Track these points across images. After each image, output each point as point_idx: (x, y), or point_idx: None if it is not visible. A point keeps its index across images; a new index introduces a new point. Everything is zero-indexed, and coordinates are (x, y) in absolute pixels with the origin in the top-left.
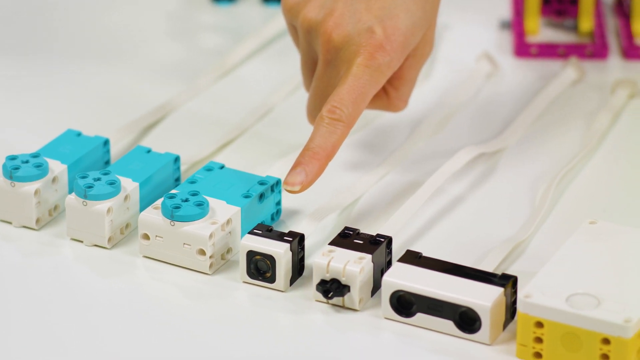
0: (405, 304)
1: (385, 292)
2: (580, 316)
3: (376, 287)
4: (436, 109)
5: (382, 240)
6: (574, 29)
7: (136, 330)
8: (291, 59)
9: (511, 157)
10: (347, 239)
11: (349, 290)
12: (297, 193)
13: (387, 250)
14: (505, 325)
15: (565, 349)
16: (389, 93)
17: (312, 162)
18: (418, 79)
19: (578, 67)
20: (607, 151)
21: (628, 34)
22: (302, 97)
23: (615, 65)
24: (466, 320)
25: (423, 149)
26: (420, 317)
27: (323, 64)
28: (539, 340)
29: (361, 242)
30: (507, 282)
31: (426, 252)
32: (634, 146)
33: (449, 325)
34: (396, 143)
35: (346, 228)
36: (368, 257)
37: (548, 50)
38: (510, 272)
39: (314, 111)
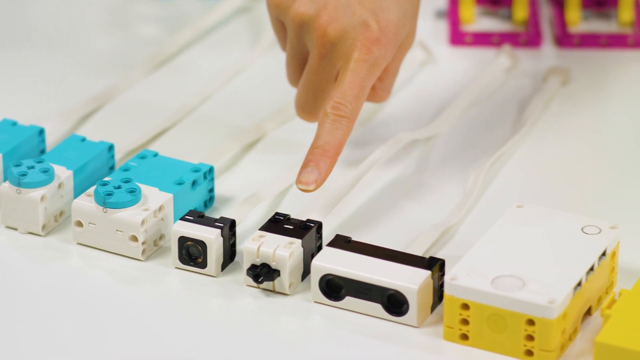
0: (334, 288)
1: (315, 276)
2: (505, 298)
3: (306, 271)
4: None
5: (312, 225)
6: (509, 17)
7: (70, 316)
8: (228, 49)
9: (444, 143)
10: (277, 224)
11: (279, 275)
12: (311, 192)
13: (317, 235)
14: (433, 308)
15: (491, 330)
16: (374, 85)
17: (323, 159)
18: None
19: (511, 55)
20: (538, 137)
21: (561, 23)
22: (238, 86)
23: (548, 54)
24: (394, 303)
25: (357, 135)
26: (349, 301)
27: (317, 58)
28: (465, 322)
29: (291, 227)
30: (435, 265)
31: (357, 237)
32: (564, 133)
33: (377, 308)
34: None
35: (277, 214)
36: (298, 241)
37: (482, 39)
38: (439, 256)
39: (306, 105)
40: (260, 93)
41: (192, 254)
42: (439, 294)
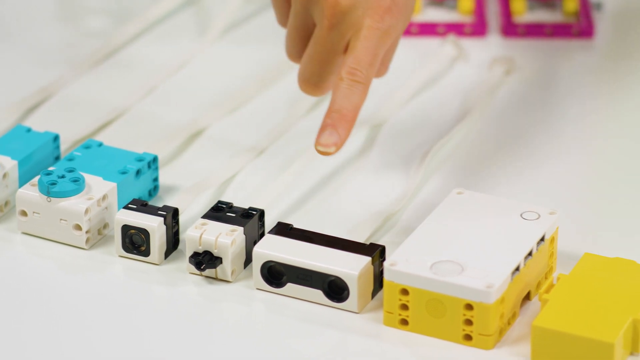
0: (276, 275)
1: (256, 263)
2: (443, 283)
3: (249, 259)
4: None
5: (255, 213)
6: (455, 8)
7: (14, 305)
8: (175, 41)
9: (389, 131)
10: (220, 212)
11: (221, 262)
12: (331, 154)
13: (260, 223)
14: (374, 294)
15: (430, 315)
16: None
17: (341, 123)
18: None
19: (456, 44)
20: (482, 125)
21: (507, 13)
22: (185, 76)
23: (494, 43)
24: (335, 289)
25: (300, 125)
26: (290, 287)
27: (327, 28)
28: (404, 307)
29: (234, 215)
30: (375, 251)
31: (300, 225)
32: (508, 121)
33: (318, 294)
34: (275, 119)
35: (219, 202)
36: (240, 229)
37: (428, 29)
38: (382, 243)
39: (312, 77)
40: (206, 84)
41: (135, 242)
42: (379, 280)
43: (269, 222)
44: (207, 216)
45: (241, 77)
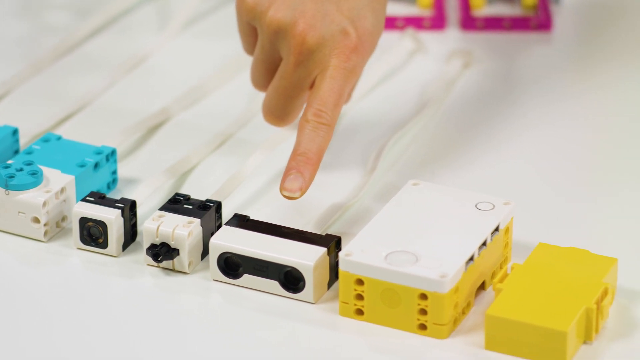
0: (233, 266)
1: (213, 254)
2: (398, 273)
3: (206, 250)
4: None
5: (212, 204)
6: (414, 2)
7: None
8: (136, 35)
9: (347, 123)
10: (177, 204)
11: (178, 254)
12: (296, 199)
13: (217, 215)
14: (329, 285)
15: (385, 305)
16: None
17: (306, 166)
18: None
19: (415, 38)
20: (440, 118)
21: (466, 6)
22: (146, 71)
23: (452, 37)
24: (291, 280)
25: (259, 118)
26: (247, 278)
27: (293, 65)
28: (360, 297)
29: (191, 207)
30: (331, 242)
31: (258, 217)
32: (465, 114)
33: (274, 285)
34: (234, 113)
35: (176, 194)
36: (197, 221)
37: (388, 23)
38: (338, 234)
39: (276, 110)
40: (166, 78)
41: (93, 234)
42: (335, 271)
43: (228, 214)
44: (164, 208)
45: (201, 70)
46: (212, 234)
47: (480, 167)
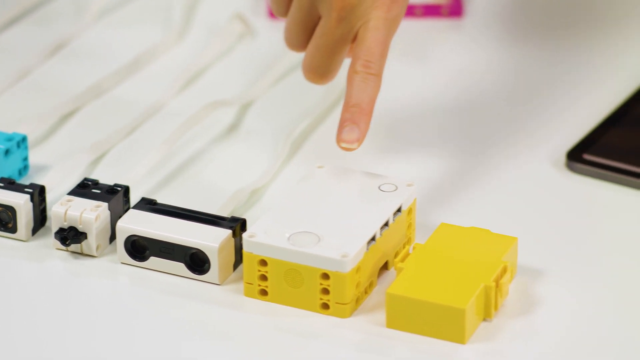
0: (139, 248)
1: (120, 237)
2: (300, 253)
3: (114, 234)
4: (188, 69)
5: (119, 189)
6: None
7: None
8: (50, 24)
9: (258, 110)
10: (85, 189)
11: (86, 237)
12: (354, 150)
13: (125, 199)
14: (235, 266)
15: (289, 285)
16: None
17: (361, 117)
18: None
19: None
20: None
21: None
22: (61, 59)
23: None
24: (196, 261)
25: (171, 105)
26: (153, 261)
27: (335, 20)
28: (263, 277)
29: (99, 191)
30: (236, 224)
31: (168, 200)
32: (379, 103)
33: (180, 267)
34: (146, 100)
35: (85, 179)
36: (104, 205)
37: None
38: (246, 217)
39: (320, 68)
40: (80, 66)
41: (2, 219)
42: (240, 253)
43: (136, 199)
44: (72, 193)
45: (115, 59)
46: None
47: (384, 151)
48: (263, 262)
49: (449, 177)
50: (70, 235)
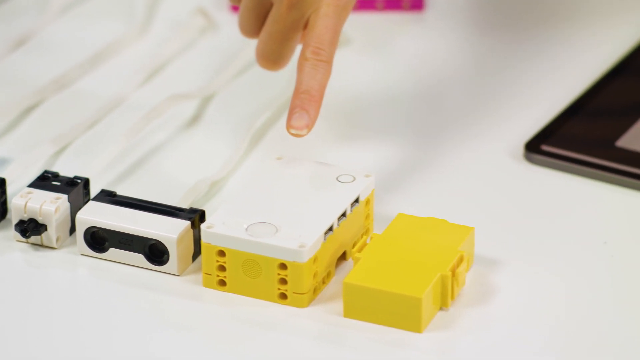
0: (99, 240)
1: (80, 229)
2: (258, 243)
3: (74, 226)
4: (150, 62)
5: (79, 181)
6: None
7: None
8: (14, 19)
9: (218, 103)
10: (45, 181)
11: (46, 229)
12: (303, 136)
13: (85, 191)
14: (194, 257)
15: (247, 275)
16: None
17: (310, 103)
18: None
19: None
20: None
21: None
22: (24, 53)
23: None
24: (155, 252)
25: (133, 97)
26: (113, 252)
27: (286, 7)
28: (222, 268)
29: (59, 183)
30: (195, 215)
31: (128, 193)
32: (334, 92)
33: (139, 258)
34: (108, 93)
35: (46, 171)
36: (64, 197)
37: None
38: (206, 209)
39: (272, 54)
40: (43, 60)
41: None
42: (199, 244)
43: (99, 190)
44: (32, 185)
45: (78, 53)
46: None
47: (343, 141)
48: (221, 253)
49: (408, 167)
50: (30, 227)
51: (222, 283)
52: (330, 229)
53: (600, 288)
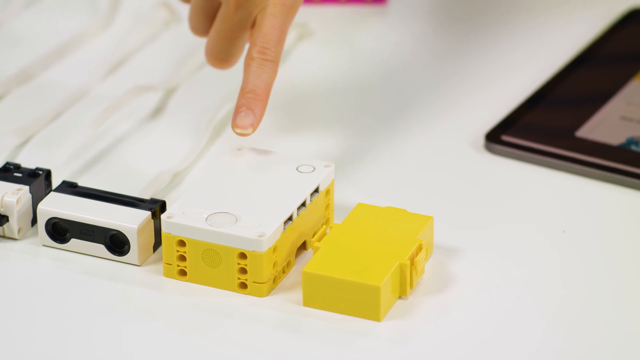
0: (60, 231)
1: (41, 220)
2: (218, 233)
3: (36, 217)
4: (114, 54)
5: (41, 173)
6: None
7: None
8: None
9: (181, 95)
10: (7, 172)
11: (7, 220)
12: (248, 135)
13: (47, 182)
14: (155, 248)
15: (207, 265)
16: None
17: (256, 103)
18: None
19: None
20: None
21: None
22: None
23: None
24: (116, 243)
25: (97, 89)
26: (74, 243)
27: (234, 7)
28: (182, 258)
29: (20, 175)
30: (155, 206)
31: (91, 184)
32: (295, 82)
33: (101, 248)
34: (72, 85)
35: (7, 163)
36: (26, 188)
37: None
38: (168, 200)
39: (220, 53)
40: (7, 53)
41: None
42: (160, 234)
43: (61, 182)
44: None
45: (42, 45)
46: None
47: (304, 132)
48: (181, 243)
49: (368, 158)
50: None
51: (183, 273)
52: (290, 218)
53: (559, 276)
